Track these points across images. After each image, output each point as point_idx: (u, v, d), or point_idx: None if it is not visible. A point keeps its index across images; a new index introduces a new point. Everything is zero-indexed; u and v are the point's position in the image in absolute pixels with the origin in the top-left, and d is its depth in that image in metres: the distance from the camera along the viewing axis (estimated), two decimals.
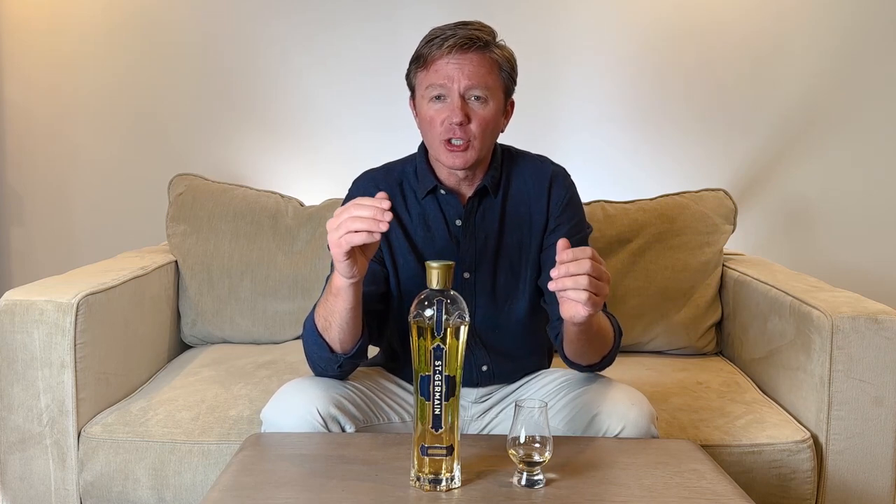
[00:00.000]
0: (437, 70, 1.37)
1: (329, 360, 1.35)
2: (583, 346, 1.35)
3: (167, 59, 2.63)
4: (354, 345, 1.33)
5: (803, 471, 1.60)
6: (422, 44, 1.40)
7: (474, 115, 1.38)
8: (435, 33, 1.39)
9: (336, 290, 1.26)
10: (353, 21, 2.60)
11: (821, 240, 2.67)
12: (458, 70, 1.36)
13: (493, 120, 1.40)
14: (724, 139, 2.65)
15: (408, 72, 1.45)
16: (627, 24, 2.61)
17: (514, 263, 1.49)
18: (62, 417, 1.59)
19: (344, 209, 1.17)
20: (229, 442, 1.57)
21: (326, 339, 1.32)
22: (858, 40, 2.60)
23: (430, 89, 1.39)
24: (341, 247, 1.17)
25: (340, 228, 1.16)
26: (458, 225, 1.47)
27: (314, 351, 1.36)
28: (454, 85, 1.36)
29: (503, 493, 1.11)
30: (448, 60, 1.37)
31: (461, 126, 1.37)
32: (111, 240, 2.54)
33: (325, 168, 2.63)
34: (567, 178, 1.53)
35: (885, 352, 1.60)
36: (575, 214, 1.51)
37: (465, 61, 1.36)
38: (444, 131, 1.38)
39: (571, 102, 2.62)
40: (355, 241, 1.15)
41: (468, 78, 1.36)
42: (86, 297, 1.61)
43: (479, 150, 1.41)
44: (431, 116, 1.39)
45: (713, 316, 2.13)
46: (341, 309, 1.27)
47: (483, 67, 1.38)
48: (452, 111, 1.36)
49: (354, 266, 1.20)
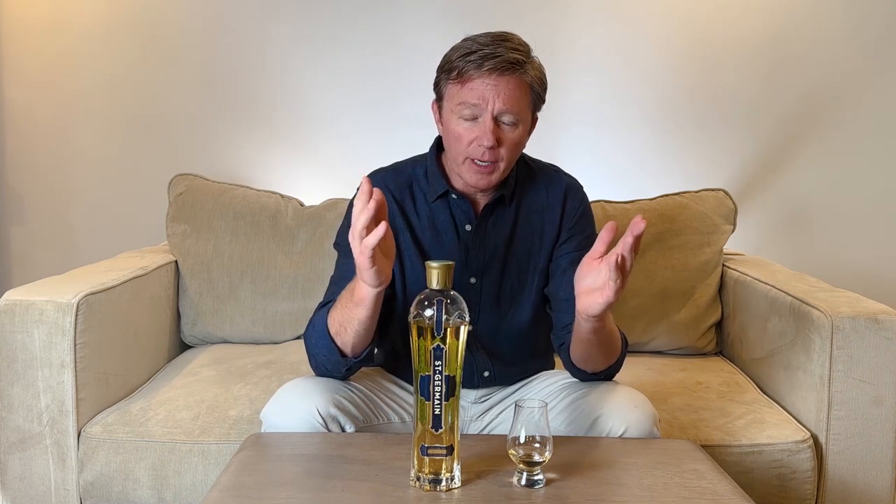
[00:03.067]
0: (472, 89, 1.34)
1: (337, 364, 1.35)
2: (593, 347, 1.34)
3: (167, 59, 2.63)
4: (365, 349, 1.34)
5: (803, 471, 1.60)
6: (457, 55, 1.36)
7: (504, 139, 1.36)
8: (472, 47, 1.34)
9: (359, 300, 1.24)
10: (353, 21, 2.59)
11: (821, 240, 2.67)
12: (494, 93, 1.34)
13: (521, 142, 1.41)
14: (724, 139, 2.65)
15: (437, 78, 1.42)
16: (628, 24, 2.61)
17: (521, 271, 1.48)
18: (62, 417, 1.59)
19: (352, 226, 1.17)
20: (229, 442, 1.57)
21: (338, 342, 1.32)
22: (858, 41, 2.59)
23: (461, 106, 1.36)
24: (364, 254, 1.15)
25: (355, 240, 1.15)
26: (468, 230, 1.46)
27: (323, 354, 1.35)
28: (488, 107, 1.34)
29: (503, 493, 1.11)
30: (485, 81, 1.34)
31: (491, 149, 1.35)
32: (111, 240, 2.54)
33: (325, 168, 2.63)
34: (581, 190, 1.54)
35: (885, 352, 1.60)
36: (587, 226, 1.52)
37: (502, 84, 1.34)
38: (471, 150, 1.37)
39: (572, 102, 2.61)
40: (372, 242, 1.13)
41: (504, 102, 1.34)
42: (86, 297, 1.61)
43: (504, 172, 1.41)
44: (460, 134, 1.37)
45: (713, 316, 2.13)
46: (361, 318, 1.26)
47: (518, 91, 1.36)
48: (484, 134, 1.34)
49: (381, 273, 1.19)
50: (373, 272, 1.17)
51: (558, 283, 1.47)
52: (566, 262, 1.47)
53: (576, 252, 1.47)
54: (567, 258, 1.47)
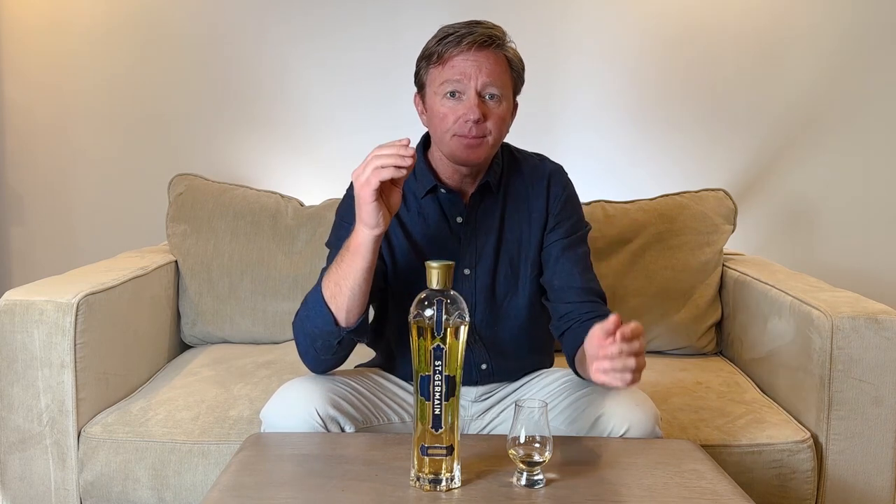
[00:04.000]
0: (453, 66, 1.36)
1: (329, 335, 1.32)
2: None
3: (167, 59, 2.63)
4: (358, 318, 1.31)
5: (803, 471, 1.60)
6: (434, 41, 1.39)
7: (490, 113, 1.37)
8: (448, 30, 1.38)
9: (355, 248, 1.26)
10: (353, 21, 2.59)
11: (821, 240, 2.67)
12: (476, 67, 1.35)
13: (506, 119, 1.41)
14: (724, 139, 2.65)
15: (417, 69, 1.44)
16: (628, 23, 2.61)
17: (513, 260, 1.49)
18: (62, 417, 1.59)
19: (369, 156, 1.21)
20: (229, 442, 1.57)
21: (332, 307, 1.30)
22: (858, 41, 2.59)
23: (445, 85, 1.37)
24: (371, 184, 1.19)
25: (367, 169, 1.19)
26: (459, 222, 1.47)
27: (315, 325, 1.32)
28: (471, 82, 1.36)
29: (503, 493, 1.11)
30: (466, 57, 1.36)
31: (477, 123, 1.36)
32: (111, 240, 2.54)
33: (325, 168, 2.63)
34: (564, 175, 1.55)
35: (885, 352, 1.60)
36: (574, 212, 1.52)
37: (482, 58, 1.36)
38: (457, 127, 1.37)
39: (572, 102, 2.62)
40: (384, 176, 1.18)
41: (486, 75, 1.36)
42: (86, 297, 1.61)
43: (493, 147, 1.41)
44: (445, 113, 1.38)
45: (713, 316, 2.13)
46: (358, 268, 1.26)
47: (499, 66, 1.38)
48: (470, 108, 1.35)
49: (380, 212, 1.22)
50: (373, 206, 1.20)
51: (552, 272, 1.48)
52: (557, 250, 1.48)
53: (565, 239, 1.49)
54: (558, 246, 1.48)
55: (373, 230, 1.23)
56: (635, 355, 1.12)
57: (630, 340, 1.11)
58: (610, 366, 1.12)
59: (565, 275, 1.47)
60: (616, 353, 1.11)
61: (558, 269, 1.47)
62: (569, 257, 1.48)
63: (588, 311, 1.43)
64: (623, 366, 1.11)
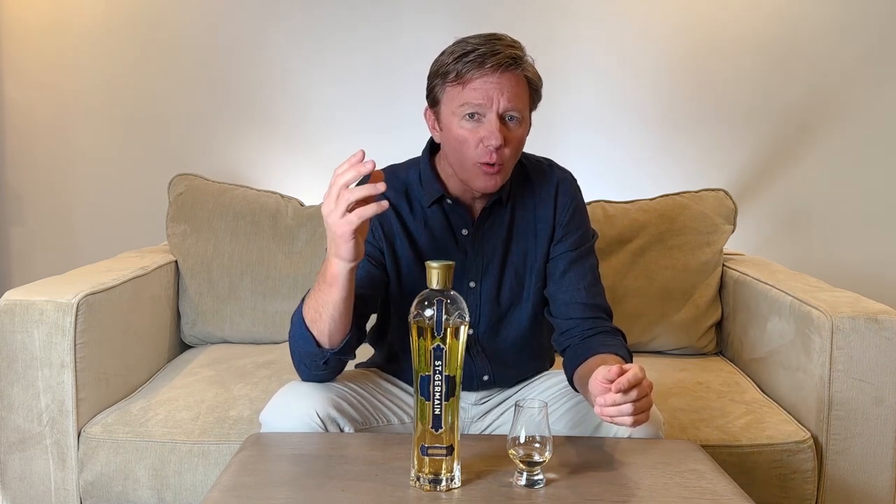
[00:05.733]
0: (475, 89, 1.32)
1: (314, 356, 1.30)
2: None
3: (167, 59, 2.63)
4: (342, 340, 1.29)
5: (803, 471, 1.60)
6: (452, 59, 1.33)
7: (510, 138, 1.34)
8: (467, 47, 1.32)
9: (332, 279, 1.21)
10: (352, 22, 2.59)
11: (821, 240, 2.67)
12: (498, 90, 1.31)
13: (523, 140, 1.39)
14: (724, 139, 2.65)
15: (432, 85, 1.39)
16: (628, 24, 2.61)
17: (519, 272, 1.47)
18: (62, 417, 1.59)
19: (330, 186, 1.14)
20: (229, 442, 1.57)
21: (314, 332, 1.28)
22: (858, 41, 2.59)
23: (465, 107, 1.33)
24: (352, 223, 1.13)
25: (339, 204, 1.13)
26: (465, 234, 1.45)
27: (300, 346, 1.31)
28: (493, 105, 1.32)
29: (503, 493, 1.11)
30: (488, 80, 1.31)
31: (497, 150, 1.33)
32: (111, 240, 2.54)
33: (325, 168, 2.60)
34: (573, 183, 1.51)
35: (885, 352, 1.60)
36: (581, 223, 1.50)
37: (505, 81, 1.32)
38: (480, 154, 1.33)
39: (572, 102, 2.61)
40: (367, 215, 1.12)
41: (508, 100, 1.32)
42: (86, 297, 1.61)
43: (509, 173, 1.39)
44: (465, 136, 1.34)
45: (713, 316, 2.13)
46: (335, 299, 1.23)
47: (520, 87, 1.34)
48: (492, 133, 1.32)
49: (358, 247, 1.17)
50: (352, 245, 1.15)
51: (557, 286, 1.46)
52: (564, 263, 1.45)
53: (573, 251, 1.46)
54: (565, 259, 1.46)
55: (349, 263, 1.19)
56: (635, 401, 1.11)
57: (628, 391, 1.11)
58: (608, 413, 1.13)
59: (571, 290, 1.44)
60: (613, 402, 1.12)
61: (564, 283, 1.45)
62: (576, 271, 1.45)
63: (590, 328, 1.41)
64: (618, 412, 1.12)
